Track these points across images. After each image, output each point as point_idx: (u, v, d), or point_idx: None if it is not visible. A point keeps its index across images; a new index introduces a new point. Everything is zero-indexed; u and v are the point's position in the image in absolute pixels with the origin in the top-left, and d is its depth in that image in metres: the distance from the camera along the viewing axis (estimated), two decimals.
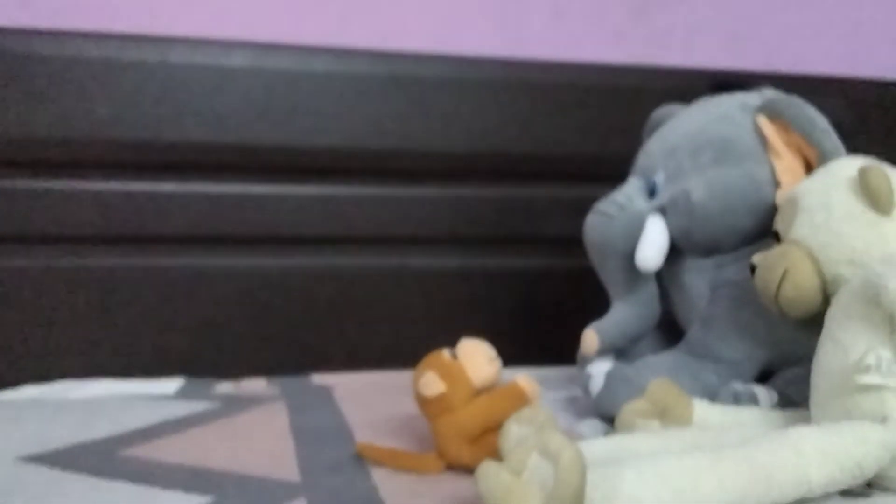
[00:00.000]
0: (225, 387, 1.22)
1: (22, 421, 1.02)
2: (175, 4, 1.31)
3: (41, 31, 1.23)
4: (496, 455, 0.77)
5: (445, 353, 0.88)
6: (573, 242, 1.10)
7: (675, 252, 1.03)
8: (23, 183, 1.23)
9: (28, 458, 0.89)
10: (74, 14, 1.27)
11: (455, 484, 0.83)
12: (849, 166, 0.84)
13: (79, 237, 1.25)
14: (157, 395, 1.17)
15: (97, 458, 0.89)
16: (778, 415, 0.88)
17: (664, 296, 1.08)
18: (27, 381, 1.22)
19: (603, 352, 1.04)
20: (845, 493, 0.73)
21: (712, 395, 0.95)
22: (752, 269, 0.89)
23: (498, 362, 0.89)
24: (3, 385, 1.21)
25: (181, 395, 1.18)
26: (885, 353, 0.73)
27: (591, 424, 1.00)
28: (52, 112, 1.21)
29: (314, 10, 1.36)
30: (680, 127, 1.07)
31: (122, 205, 1.26)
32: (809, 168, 0.96)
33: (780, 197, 0.96)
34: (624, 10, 1.49)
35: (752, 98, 1.05)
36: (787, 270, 0.84)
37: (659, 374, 0.93)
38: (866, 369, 0.73)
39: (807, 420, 0.79)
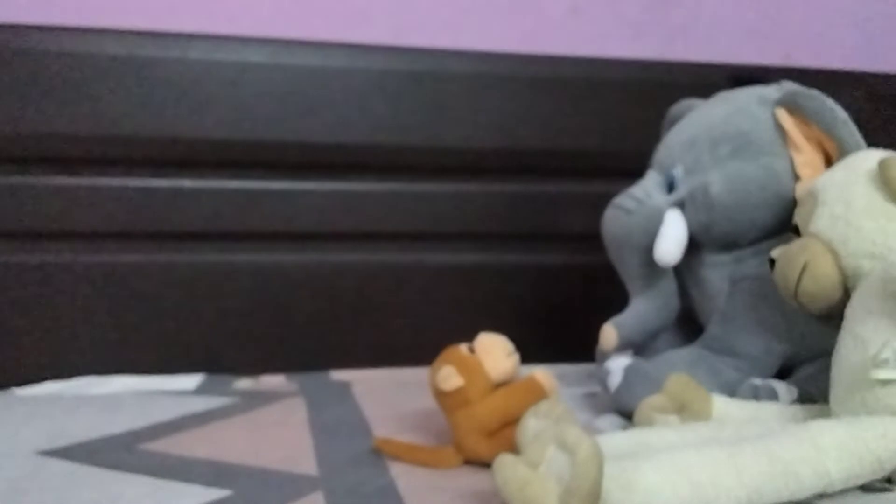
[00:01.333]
0: (244, 383, 1.23)
1: (42, 416, 1.03)
2: (194, 1, 1.32)
3: (61, 28, 1.23)
4: (514, 449, 0.77)
5: (463, 348, 0.88)
6: (591, 238, 1.10)
7: (694, 246, 1.03)
8: (43, 179, 1.24)
9: (48, 451, 0.90)
10: (94, 11, 1.27)
11: (473, 478, 0.83)
12: (869, 159, 0.84)
13: (99, 233, 1.26)
14: (177, 390, 1.18)
15: (117, 452, 0.90)
16: (798, 410, 0.87)
17: (683, 291, 1.08)
18: (47, 376, 1.23)
19: (621, 347, 1.04)
20: (865, 487, 0.73)
21: (731, 391, 0.94)
22: (772, 263, 0.89)
23: (516, 356, 0.89)
24: (24, 380, 1.22)
25: (201, 390, 1.18)
26: None
27: (610, 420, 1.00)
28: (72, 108, 1.22)
29: (332, 6, 1.37)
30: (698, 121, 1.07)
31: (142, 201, 1.27)
32: (829, 161, 0.96)
33: (800, 190, 0.96)
34: (642, 5, 1.48)
35: (771, 91, 1.04)
36: (806, 264, 0.83)
37: (677, 369, 0.93)
38: (882, 364, 0.72)
39: (827, 415, 0.79)
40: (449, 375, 0.85)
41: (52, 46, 1.22)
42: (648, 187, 1.05)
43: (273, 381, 1.24)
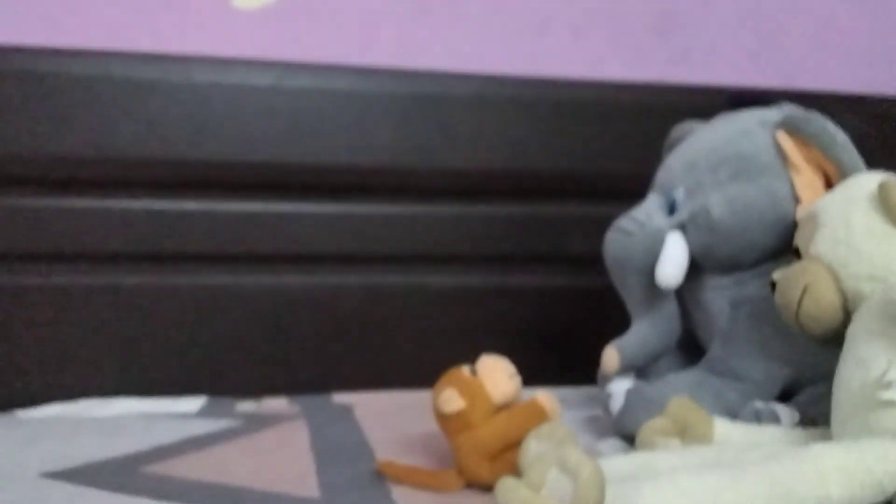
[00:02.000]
0: (247, 405, 1.23)
1: (45, 438, 1.03)
2: (199, 24, 1.33)
3: (67, 51, 1.24)
4: (516, 472, 0.77)
5: (465, 370, 0.88)
6: (593, 260, 1.10)
7: (695, 269, 1.03)
8: (47, 201, 1.24)
9: (51, 474, 0.90)
10: (99, 34, 1.28)
11: (475, 501, 0.83)
12: (869, 182, 0.84)
13: (102, 255, 1.27)
14: (180, 413, 1.18)
15: (119, 475, 0.90)
16: (800, 433, 0.87)
17: (684, 313, 1.08)
18: (50, 399, 1.23)
19: (623, 370, 1.04)
20: None
21: (733, 414, 0.94)
22: (773, 285, 0.89)
23: (518, 379, 0.89)
24: (27, 403, 1.22)
25: (203, 413, 1.18)
26: None
27: (612, 444, 1.00)
28: (77, 131, 1.23)
29: (336, 30, 1.38)
30: (699, 143, 1.07)
31: (145, 223, 1.27)
32: (829, 183, 0.96)
33: (800, 212, 0.96)
34: (643, 29, 1.49)
35: (772, 114, 1.05)
36: (807, 286, 0.83)
37: (679, 392, 0.93)
38: (888, 385, 0.72)
39: (828, 438, 0.78)
40: (451, 398, 0.85)
41: (57, 69, 1.23)
42: (649, 209, 1.05)
43: (275, 403, 1.24)
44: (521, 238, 1.40)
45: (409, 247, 1.36)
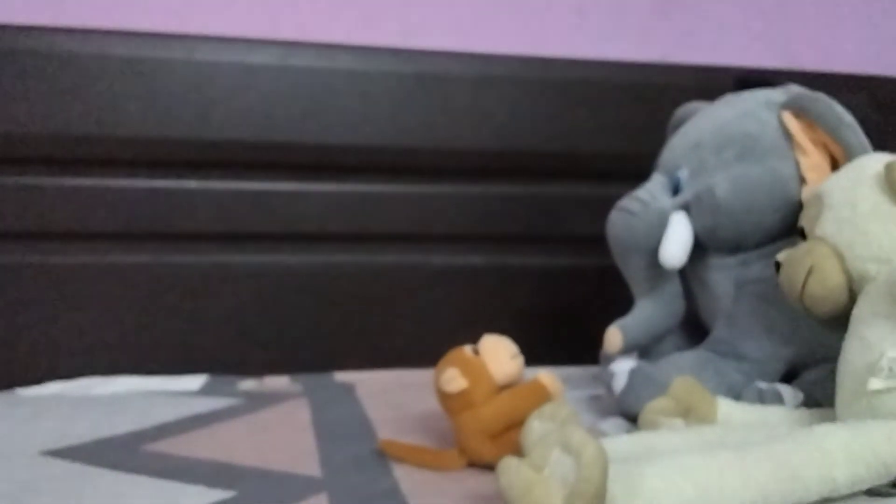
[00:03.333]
0: (248, 384, 1.22)
1: (46, 416, 1.03)
2: (201, 3, 1.32)
3: (68, 29, 1.23)
4: (518, 452, 0.76)
5: (468, 350, 0.88)
6: (597, 240, 1.10)
7: (699, 249, 1.02)
8: (48, 180, 1.24)
9: (51, 452, 0.90)
10: (101, 12, 1.27)
11: (476, 480, 0.83)
12: (875, 162, 0.83)
13: (103, 234, 1.26)
14: (181, 391, 1.18)
15: (120, 453, 0.90)
16: (803, 414, 0.87)
17: (688, 294, 1.08)
18: (51, 377, 1.23)
19: (626, 350, 1.03)
20: (870, 491, 0.72)
21: (737, 394, 0.94)
22: (777, 266, 0.88)
23: (520, 358, 0.89)
24: (28, 381, 1.22)
25: (205, 391, 1.18)
26: None
27: (614, 423, 1.00)
28: (77, 109, 1.22)
29: (338, 8, 1.37)
30: (704, 123, 1.06)
31: (147, 201, 1.27)
32: (835, 164, 0.96)
33: (806, 193, 0.96)
34: (648, 8, 1.48)
35: (777, 95, 1.04)
36: (812, 267, 0.83)
37: (683, 372, 0.93)
38: (878, 372, 0.72)
39: (832, 419, 0.78)
40: (453, 377, 0.85)
41: (58, 47, 1.22)
42: (653, 190, 1.04)
43: (277, 382, 1.24)
44: (524, 217, 1.39)
45: (411, 226, 1.36)
